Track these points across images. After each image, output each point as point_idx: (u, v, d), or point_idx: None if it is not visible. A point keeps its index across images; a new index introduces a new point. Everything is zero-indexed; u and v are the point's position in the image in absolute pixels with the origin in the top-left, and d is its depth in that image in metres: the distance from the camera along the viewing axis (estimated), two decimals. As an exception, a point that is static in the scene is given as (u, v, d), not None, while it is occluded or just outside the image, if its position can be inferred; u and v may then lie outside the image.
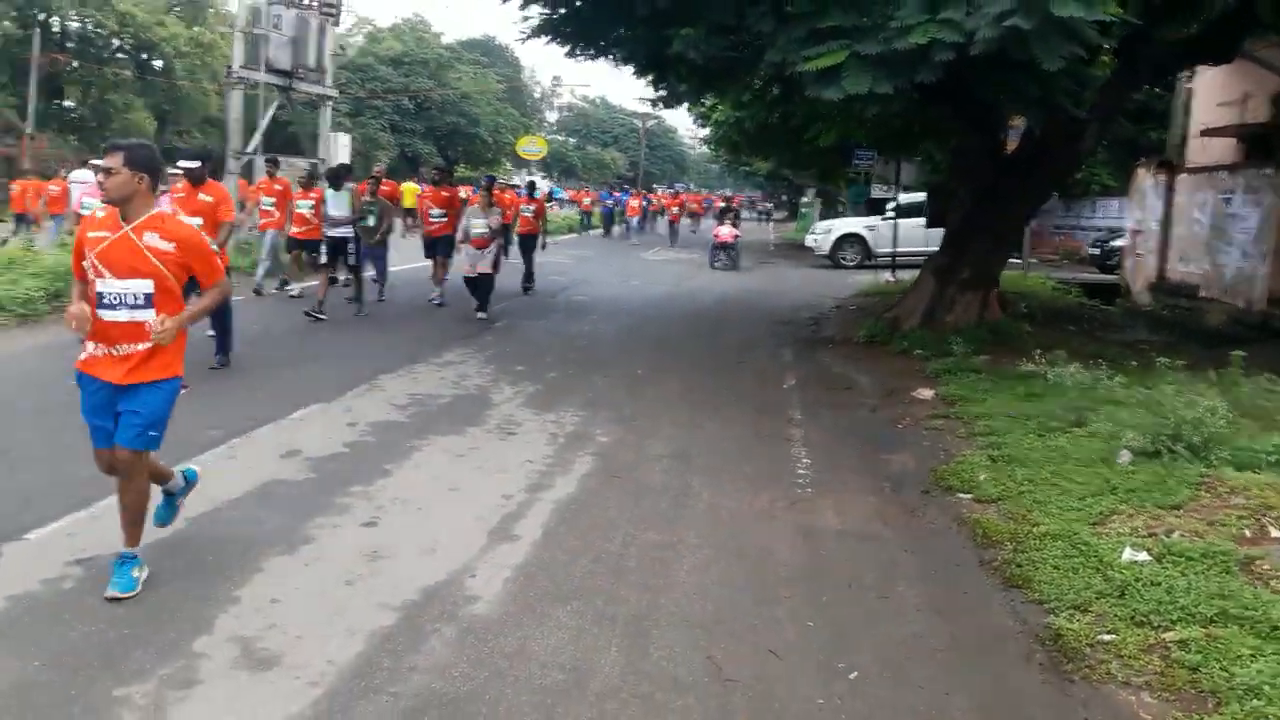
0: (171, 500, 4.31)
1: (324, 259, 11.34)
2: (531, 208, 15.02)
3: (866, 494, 5.62)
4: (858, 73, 6.74)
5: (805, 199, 43.99)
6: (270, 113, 17.63)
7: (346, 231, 11.10)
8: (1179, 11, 8.27)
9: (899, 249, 16.74)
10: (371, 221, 11.61)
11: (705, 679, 3.35)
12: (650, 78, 12.35)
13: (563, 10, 9.93)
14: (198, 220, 6.79)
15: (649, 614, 3.85)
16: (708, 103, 20.77)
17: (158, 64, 39.23)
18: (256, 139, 17.13)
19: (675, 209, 32.55)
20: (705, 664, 3.45)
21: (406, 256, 16.06)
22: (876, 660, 3.55)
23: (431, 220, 12.94)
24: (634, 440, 6.56)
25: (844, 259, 22.89)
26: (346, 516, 4.76)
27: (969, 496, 5.42)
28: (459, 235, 11.64)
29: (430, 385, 7.94)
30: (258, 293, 12.48)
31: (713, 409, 7.60)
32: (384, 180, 15.33)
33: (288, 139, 21.17)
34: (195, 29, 39.09)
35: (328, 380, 7.73)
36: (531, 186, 16.00)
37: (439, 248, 12.89)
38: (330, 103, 19.54)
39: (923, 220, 15.20)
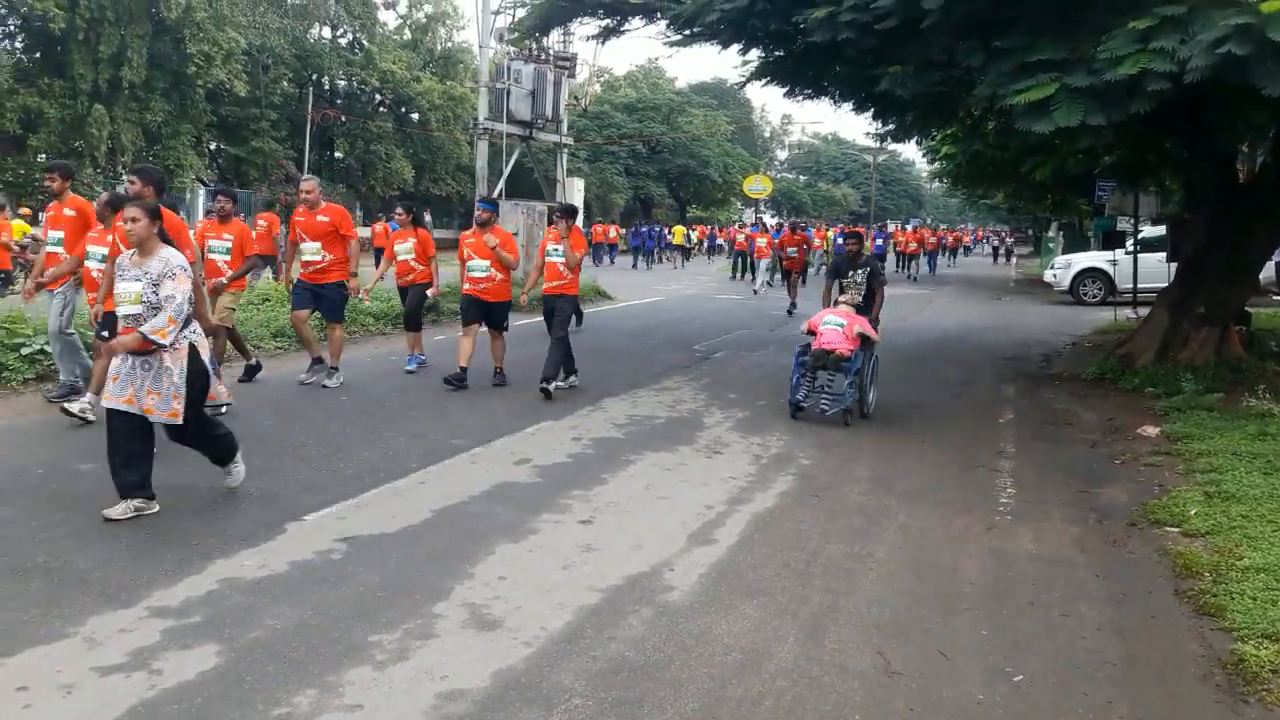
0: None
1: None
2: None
3: (1069, 524, 5.61)
4: (1069, 105, 6.74)
5: (1050, 233, 41.87)
6: (512, 160, 19.25)
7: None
8: None
9: (1140, 285, 15.84)
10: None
11: (872, 670, 3.63)
12: (870, 113, 12.57)
13: (778, 53, 10.41)
14: None
15: (828, 613, 4.16)
16: (936, 137, 20.50)
17: (414, 117, 43.20)
18: (500, 185, 18.77)
19: (792, 250, 19.36)
20: (874, 658, 3.73)
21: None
22: (1045, 669, 3.68)
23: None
24: (835, 464, 6.83)
25: (1085, 294, 21.80)
26: (566, 515, 5.39)
27: (1176, 530, 5.30)
28: None
29: (648, 408, 8.56)
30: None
31: (921, 439, 7.70)
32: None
33: (531, 185, 22.92)
34: (447, 83, 42.51)
35: (559, 403, 8.52)
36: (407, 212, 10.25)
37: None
38: (566, 150, 21.04)
39: (1164, 255, 14.38)
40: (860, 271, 9.15)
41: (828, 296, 9.17)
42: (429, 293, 10.13)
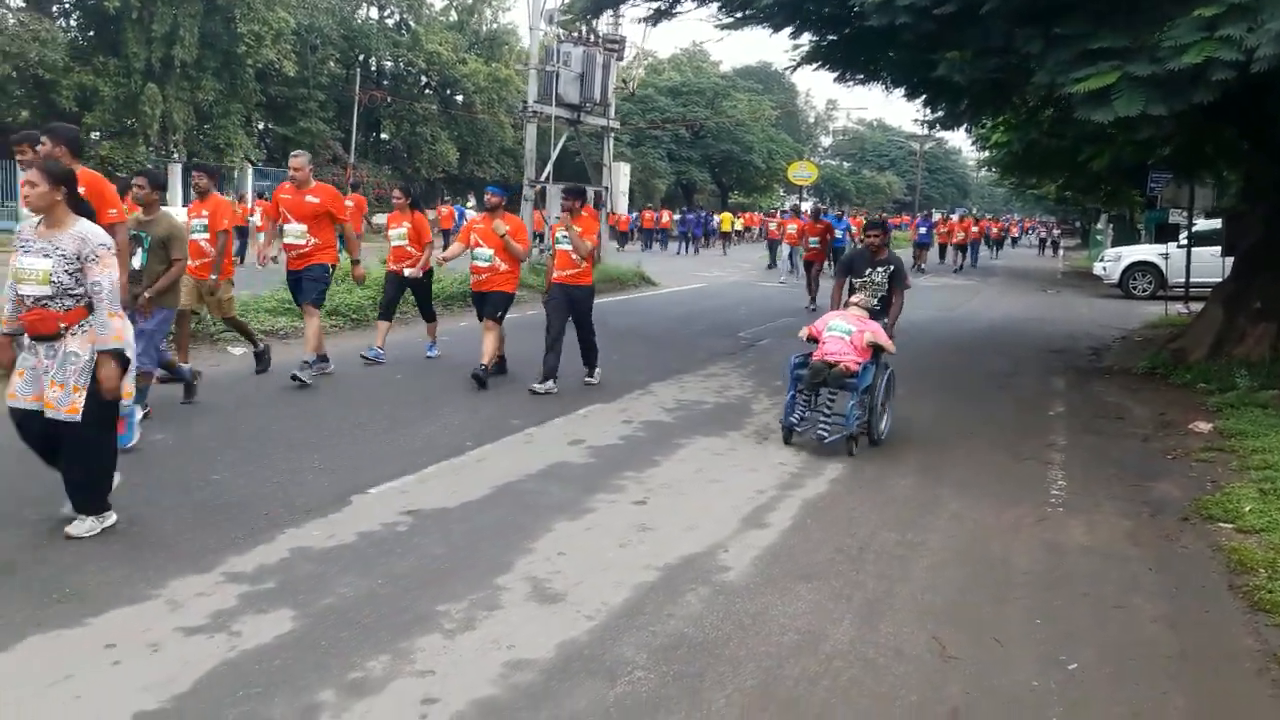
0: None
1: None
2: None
3: (1121, 517, 5.60)
4: (1130, 94, 6.67)
5: (1098, 225, 41.20)
6: (560, 144, 19.29)
7: None
8: None
9: (1193, 279, 15.59)
10: (139, 263, 6.22)
11: (927, 654, 3.68)
12: (922, 100, 12.47)
13: (831, 37, 10.37)
14: None
15: (883, 598, 4.22)
16: (987, 125, 20.21)
17: (459, 99, 43.42)
18: (548, 169, 18.84)
19: (813, 240, 17.58)
20: (929, 643, 3.78)
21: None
22: (1099, 659, 3.71)
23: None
24: (884, 453, 6.84)
25: (1135, 288, 21.49)
26: (621, 495, 5.49)
27: (1230, 526, 5.28)
28: None
29: (696, 393, 8.63)
30: None
31: (970, 430, 7.69)
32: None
33: (576, 169, 23.01)
34: (493, 65, 42.62)
35: (608, 386, 8.62)
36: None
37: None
38: (612, 134, 21.03)
39: (1217, 249, 14.11)
40: (880, 270, 7.36)
41: (837, 297, 7.62)
42: (405, 270, 9.17)
